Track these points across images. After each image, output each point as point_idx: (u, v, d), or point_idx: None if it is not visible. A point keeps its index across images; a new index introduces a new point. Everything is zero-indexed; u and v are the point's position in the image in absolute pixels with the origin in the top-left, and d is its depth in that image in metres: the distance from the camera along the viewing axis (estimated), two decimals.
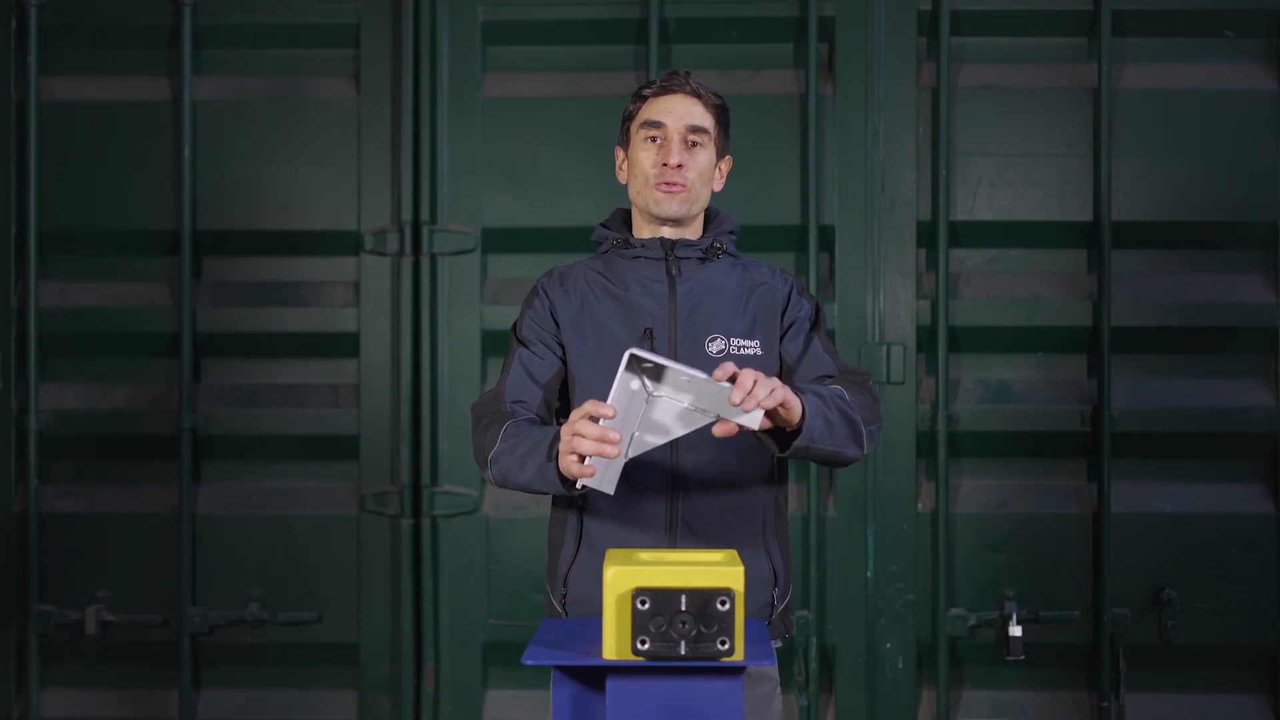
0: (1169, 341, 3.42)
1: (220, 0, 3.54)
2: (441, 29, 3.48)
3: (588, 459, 1.93)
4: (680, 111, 2.25)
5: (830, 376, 2.23)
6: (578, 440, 1.91)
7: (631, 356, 1.91)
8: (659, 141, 2.26)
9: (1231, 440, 3.40)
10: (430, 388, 3.48)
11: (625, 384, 1.93)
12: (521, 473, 2.08)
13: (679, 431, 1.96)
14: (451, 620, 3.48)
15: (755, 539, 2.23)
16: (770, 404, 1.90)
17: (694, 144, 2.25)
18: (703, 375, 1.91)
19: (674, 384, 1.93)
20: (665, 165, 2.23)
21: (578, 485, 1.98)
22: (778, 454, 2.07)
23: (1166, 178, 3.42)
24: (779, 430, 2.04)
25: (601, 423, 1.91)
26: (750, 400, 1.88)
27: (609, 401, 1.92)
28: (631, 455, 1.97)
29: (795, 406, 1.98)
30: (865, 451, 2.14)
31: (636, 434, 1.95)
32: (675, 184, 2.23)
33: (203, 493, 3.55)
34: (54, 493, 3.55)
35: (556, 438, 2.01)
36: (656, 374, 1.92)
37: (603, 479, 1.97)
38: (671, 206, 2.25)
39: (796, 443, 2.02)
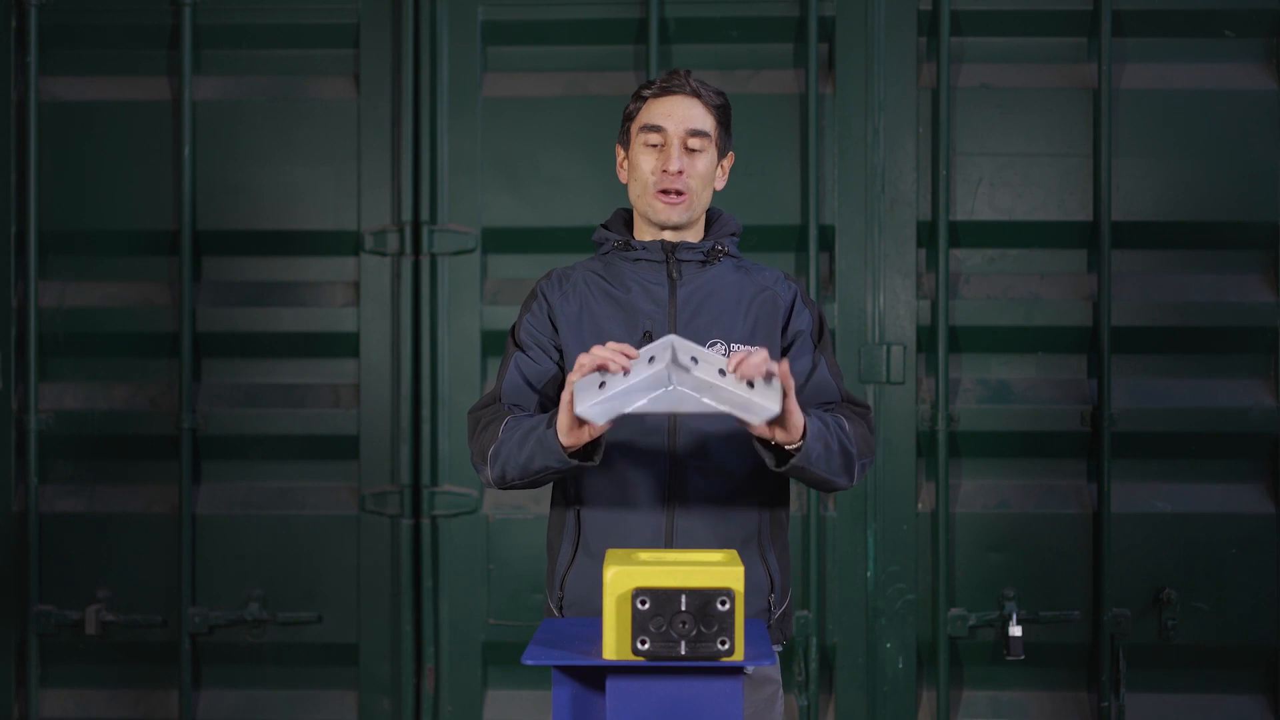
0: (1169, 341, 3.42)
1: (220, 0, 3.54)
2: (441, 29, 3.48)
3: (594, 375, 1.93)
4: (680, 115, 2.24)
5: (833, 404, 2.23)
6: (591, 354, 1.92)
7: (673, 347, 1.93)
8: (659, 146, 2.24)
9: (1231, 440, 3.40)
10: (430, 388, 3.48)
11: (654, 356, 1.95)
12: (521, 452, 2.06)
13: (683, 409, 1.97)
14: (451, 620, 3.48)
15: (751, 546, 2.22)
16: (765, 372, 1.92)
17: (694, 150, 2.24)
18: (724, 376, 1.93)
19: (696, 379, 1.94)
20: (665, 171, 2.22)
21: (575, 401, 1.94)
22: (774, 468, 2.08)
23: (1166, 178, 3.42)
24: (779, 447, 2.04)
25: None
26: (745, 366, 1.91)
27: (640, 350, 1.94)
28: (630, 411, 1.94)
29: (798, 425, 1.99)
30: (853, 483, 2.16)
31: (643, 402, 1.94)
32: (675, 193, 2.22)
33: (203, 493, 3.55)
34: (54, 493, 3.55)
35: (557, 412, 2.00)
36: (685, 369, 1.94)
37: (593, 406, 1.93)
38: (672, 215, 2.24)
39: (793, 460, 2.03)
